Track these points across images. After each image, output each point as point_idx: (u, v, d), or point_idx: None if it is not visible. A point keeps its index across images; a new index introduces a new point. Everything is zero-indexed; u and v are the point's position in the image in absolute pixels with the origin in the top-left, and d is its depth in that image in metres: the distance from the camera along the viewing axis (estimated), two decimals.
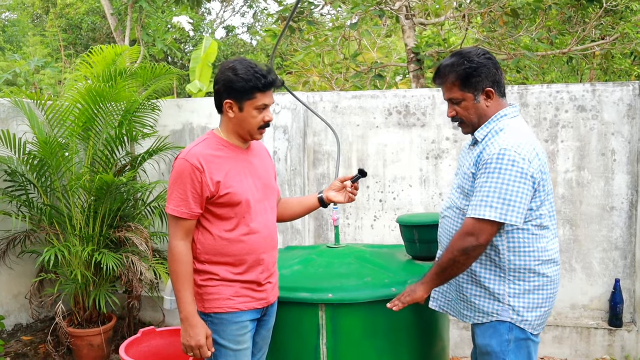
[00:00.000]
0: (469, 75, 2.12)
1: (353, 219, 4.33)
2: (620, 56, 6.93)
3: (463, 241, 2.06)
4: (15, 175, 4.00)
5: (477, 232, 2.04)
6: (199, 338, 2.14)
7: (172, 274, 2.16)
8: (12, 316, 4.29)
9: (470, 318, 2.24)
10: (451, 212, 2.27)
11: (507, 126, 2.13)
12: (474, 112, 2.17)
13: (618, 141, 3.84)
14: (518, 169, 2.00)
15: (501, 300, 2.15)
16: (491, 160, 2.03)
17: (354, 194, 2.51)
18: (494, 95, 2.15)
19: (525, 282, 2.13)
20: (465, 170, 2.19)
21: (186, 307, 2.14)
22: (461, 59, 2.14)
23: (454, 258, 2.10)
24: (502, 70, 2.19)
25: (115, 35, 7.07)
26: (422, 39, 6.37)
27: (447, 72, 2.16)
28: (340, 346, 2.49)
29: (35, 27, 14.32)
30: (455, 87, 2.15)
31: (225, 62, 2.20)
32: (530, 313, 2.14)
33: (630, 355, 3.85)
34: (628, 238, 3.87)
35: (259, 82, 2.12)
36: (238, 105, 2.16)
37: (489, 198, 2.02)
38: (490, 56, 2.16)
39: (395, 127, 4.19)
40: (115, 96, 3.92)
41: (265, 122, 2.20)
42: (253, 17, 17.44)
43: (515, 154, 2.01)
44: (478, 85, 2.13)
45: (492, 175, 2.02)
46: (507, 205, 2.00)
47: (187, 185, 2.12)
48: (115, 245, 4.14)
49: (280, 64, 9.38)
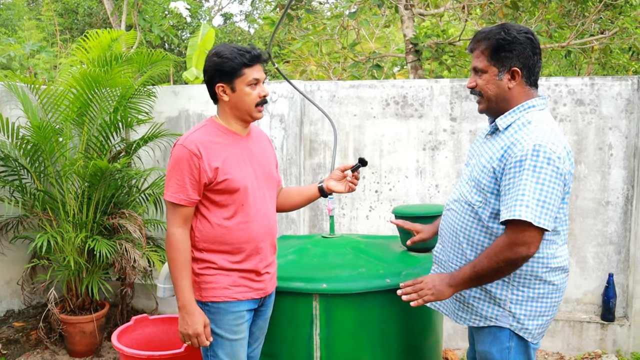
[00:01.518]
0: (499, 47, 1.97)
1: (348, 209, 4.32)
2: (619, 51, 6.92)
3: (511, 252, 1.88)
4: (8, 160, 3.97)
5: (526, 241, 1.86)
6: (196, 326, 2.12)
7: (170, 261, 2.14)
8: (3, 302, 4.26)
9: (466, 320, 2.14)
10: (457, 205, 2.12)
11: (535, 119, 1.97)
12: (493, 87, 2.01)
13: (615, 136, 3.83)
14: (553, 168, 1.85)
15: (501, 305, 2.03)
16: (525, 157, 1.87)
17: (355, 183, 2.48)
18: (518, 77, 1.98)
19: (530, 288, 2.01)
20: (484, 162, 2.02)
21: (184, 295, 2.13)
22: (500, 28, 1.99)
23: (498, 268, 1.92)
24: (540, 57, 2.01)
25: (111, 20, 7.02)
26: (420, 30, 6.34)
27: (481, 38, 2.02)
28: (333, 336, 2.48)
29: (31, 10, 14.18)
30: (483, 55, 2.00)
31: (209, 50, 2.20)
32: (531, 321, 2.03)
33: (622, 349, 3.86)
34: (622, 233, 3.87)
35: (244, 57, 2.12)
36: (229, 86, 2.15)
37: (525, 197, 1.84)
38: (532, 37, 1.98)
39: (393, 118, 4.17)
40: (110, 81, 3.88)
41: (261, 98, 2.18)
42: (251, 5, 17.34)
43: (550, 151, 1.85)
44: (505, 61, 1.97)
45: (527, 172, 1.85)
46: (542, 207, 1.84)
47: (185, 172, 2.10)
48: (108, 232, 4.12)
49: (278, 52, 9.33)
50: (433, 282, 2.05)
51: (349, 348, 2.51)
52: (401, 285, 2.13)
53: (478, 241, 2.05)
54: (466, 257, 2.09)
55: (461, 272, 2.01)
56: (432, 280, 2.06)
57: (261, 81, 2.19)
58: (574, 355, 3.93)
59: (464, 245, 2.09)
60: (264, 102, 2.20)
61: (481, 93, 2.05)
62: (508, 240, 1.89)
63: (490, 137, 2.10)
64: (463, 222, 2.08)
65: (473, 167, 2.11)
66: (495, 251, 1.92)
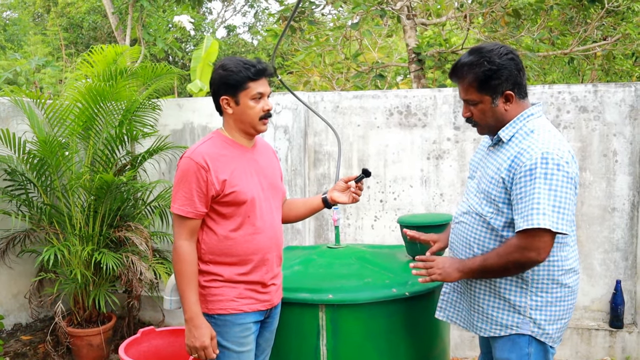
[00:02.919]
0: (487, 78, 1.97)
1: (353, 219, 4.32)
2: (622, 57, 6.92)
3: (521, 255, 1.90)
4: (14, 174, 4.00)
5: (537, 247, 1.89)
6: (203, 339, 2.13)
7: (177, 273, 2.15)
8: (11, 315, 4.28)
9: (486, 331, 2.13)
10: (468, 217, 2.12)
11: (537, 127, 1.99)
12: (490, 115, 2.03)
13: (620, 142, 3.83)
14: (563, 173, 1.88)
15: (522, 312, 2.04)
16: (535, 165, 1.89)
17: (358, 194, 2.46)
18: (513, 99, 2.00)
19: (548, 293, 2.03)
20: (491, 174, 2.04)
21: (191, 308, 2.13)
22: (481, 58, 1.98)
23: (506, 267, 1.95)
24: (524, 71, 2.03)
25: (116, 34, 7.08)
26: (423, 39, 6.36)
27: (465, 72, 2.01)
28: (340, 347, 2.48)
29: (36, 25, 14.33)
30: (472, 88, 2.00)
31: (217, 61, 2.20)
32: (551, 326, 2.05)
33: (631, 356, 3.84)
34: (629, 239, 3.86)
35: (249, 71, 2.12)
36: (234, 99, 2.16)
37: (540, 205, 1.86)
38: (513, 56, 2.00)
39: (396, 127, 4.18)
40: (115, 95, 3.91)
41: (265, 112, 2.18)
42: (254, 17, 17.45)
43: (558, 157, 1.88)
44: (497, 88, 1.98)
45: (539, 180, 1.87)
46: (558, 212, 1.86)
47: (192, 184, 2.11)
48: (115, 244, 4.13)
49: (281, 63, 9.37)
50: (444, 263, 2.10)
51: (356, 358, 2.50)
52: (416, 258, 2.19)
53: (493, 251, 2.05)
54: None
55: (471, 262, 2.05)
56: (443, 262, 2.11)
57: (266, 95, 2.19)
58: None
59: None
60: (267, 115, 2.20)
61: (478, 122, 2.08)
62: (520, 244, 1.91)
63: (493, 148, 2.12)
64: (476, 233, 2.09)
65: (480, 179, 2.12)
66: (506, 251, 1.95)
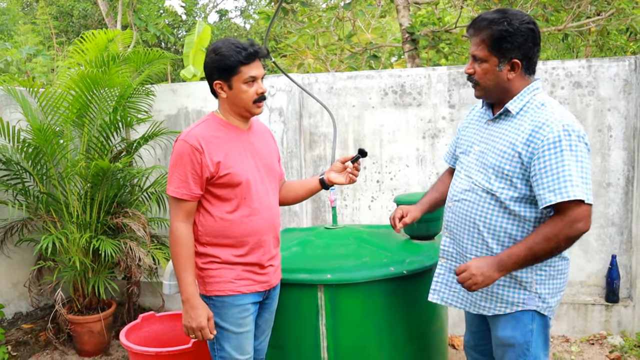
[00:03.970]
0: (501, 38, 1.95)
1: (350, 200, 4.33)
2: (616, 32, 6.89)
3: (571, 229, 1.87)
4: (10, 163, 3.98)
5: (584, 217, 1.87)
6: (200, 319, 2.15)
7: (173, 255, 2.16)
8: (11, 304, 4.29)
9: (490, 309, 2.10)
10: (472, 194, 2.08)
11: (547, 100, 1.99)
12: (492, 78, 2.01)
13: (614, 117, 3.83)
14: (584, 145, 1.90)
15: (528, 288, 2.04)
16: (559, 138, 1.88)
17: (355, 174, 2.46)
18: (518, 68, 1.98)
19: (551, 267, 2.04)
20: (503, 148, 2.00)
21: (187, 289, 2.15)
22: (503, 18, 1.96)
23: (557, 247, 1.91)
24: (539, 47, 2.02)
25: (106, 20, 7.02)
26: (416, 19, 6.32)
27: (482, 27, 1.98)
28: (339, 326, 2.50)
29: (26, 15, 14.17)
30: (484, 44, 1.98)
31: (210, 45, 2.18)
32: (552, 298, 2.06)
33: (627, 330, 3.88)
34: (624, 214, 3.88)
35: (240, 55, 2.11)
36: (227, 83, 2.16)
37: (573, 177, 1.85)
38: (534, 27, 1.97)
39: (391, 107, 4.18)
40: (108, 82, 3.88)
41: (258, 95, 2.18)
42: (245, 0, 17.29)
43: (578, 129, 1.90)
44: (507, 53, 1.96)
45: (566, 152, 1.87)
46: (585, 184, 1.87)
47: (187, 167, 2.12)
48: (112, 231, 4.14)
49: (274, 46, 9.31)
50: (480, 269, 1.96)
51: (355, 337, 2.53)
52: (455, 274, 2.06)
53: (500, 228, 2.03)
54: (487, 245, 2.06)
55: (513, 256, 1.94)
56: (477, 267, 1.96)
57: (259, 78, 2.17)
58: (579, 337, 3.95)
59: (484, 234, 2.06)
60: (262, 98, 2.20)
61: (478, 82, 2.04)
62: (567, 219, 1.88)
63: (494, 122, 2.09)
64: (482, 210, 2.06)
65: (483, 154, 2.08)
66: (554, 232, 1.89)
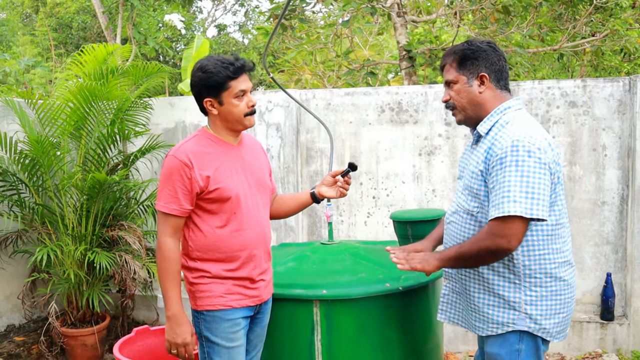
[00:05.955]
0: (465, 57, 2.08)
1: (346, 216, 4.33)
2: (610, 52, 6.98)
3: (491, 242, 1.90)
4: (6, 174, 3.98)
5: (507, 234, 1.88)
6: (185, 335, 2.16)
7: (160, 271, 2.16)
8: (4, 317, 4.26)
9: (483, 330, 2.11)
10: (457, 216, 2.15)
11: (512, 118, 2.03)
12: (465, 95, 2.09)
13: (609, 136, 3.87)
14: (535, 159, 1.88)
15: (517, 308, 2.03)
16: (505, 154, 1.91)
17: (346, 188, 2.47)
18: (487, 80, 2.06)
19: (542, 287, 2.02)
20: (472, 169, 2.08)
21: (173, 305, 2.15)
22: (464, 43, 2.13)
23: (478, 255, 1.96)
24: (505, 61, 2.11)
25: (106, 33, 7.05)
26: (413, 36, 6.39)
27: (448, 54, 2.14)
28: (334, 342, 2.49)
29: (25, 26, 14.23)
30: (452, 68, 2.11)
31: (195, 64, 2.19)
32: (548, 320, 2.03)
33: (622, 348, 3.88)
34: (619, 232, 3.90)
35: (228, 70, 2.11)
36: (217, 100, 2.16)
37: (511, 193, 1.86)
38: (494, 46, 2.11)
39: (388, 124, 4.20)
40: (106, 94, 3.90)
41: (250, 108, 2.19)
42: (244, 15, 17.43)
43: (529, 144, 1.89)
44: (473, 69, 2.07)
45: (510, 168, 1.89)
46: (531, 198, 1.85)
47: (177, 182, 2.12)
48: (108, 244, 4.12)
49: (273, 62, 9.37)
50: (424, 254, 2.17)
51: (351, 353, 2.51)
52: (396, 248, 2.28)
53: None
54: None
55: (448, 250, 2.11)
56: (424, 253, 2.19)
57: (248, 91, 2.18)
58: (574, 355, 3.94)
59: None
60: (253, 112, 2.21)
61: (455, 105, 2.13)
62: (490, 231, 1.92)
63: (475, 145, 2.16)
64: (465, 231, 2.11)
65: (465, 177, 2.16)
66: (478, 238, 1.97)
